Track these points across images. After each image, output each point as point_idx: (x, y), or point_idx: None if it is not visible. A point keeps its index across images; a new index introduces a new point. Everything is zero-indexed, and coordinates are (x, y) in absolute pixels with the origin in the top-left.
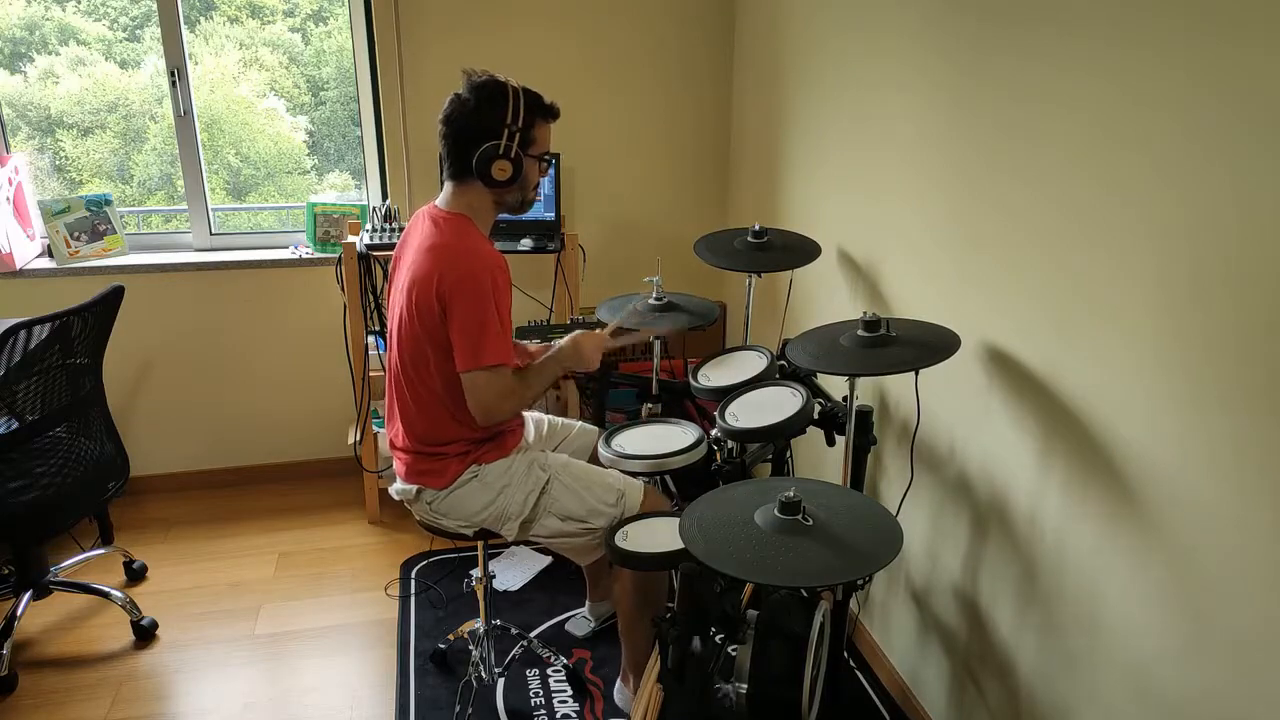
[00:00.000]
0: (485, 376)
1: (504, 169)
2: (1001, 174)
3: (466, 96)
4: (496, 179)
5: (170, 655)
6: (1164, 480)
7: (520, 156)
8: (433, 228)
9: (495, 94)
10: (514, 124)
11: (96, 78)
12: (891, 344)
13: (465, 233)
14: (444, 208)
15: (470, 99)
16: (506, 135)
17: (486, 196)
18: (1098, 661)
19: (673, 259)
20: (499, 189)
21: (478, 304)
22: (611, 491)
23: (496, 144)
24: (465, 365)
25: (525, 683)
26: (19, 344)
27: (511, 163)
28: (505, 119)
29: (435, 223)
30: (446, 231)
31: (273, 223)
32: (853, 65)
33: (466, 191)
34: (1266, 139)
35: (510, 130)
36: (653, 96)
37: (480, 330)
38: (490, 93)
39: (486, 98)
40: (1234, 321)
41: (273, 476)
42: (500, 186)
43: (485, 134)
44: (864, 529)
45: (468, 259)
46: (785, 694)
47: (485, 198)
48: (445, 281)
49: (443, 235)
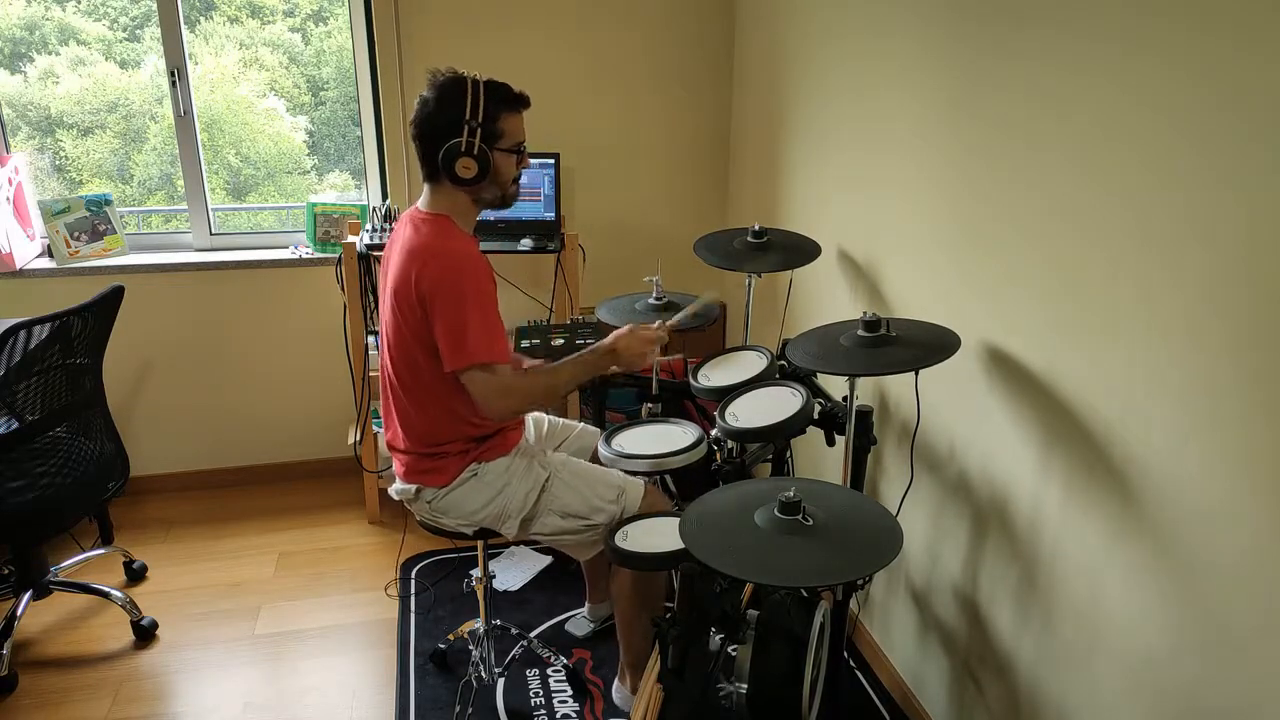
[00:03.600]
0: (478, 375)
1: (468, 166)
2: (1002, 174)
3: (428, 96)
4: (462, 177)
5: (170, 655)
6: (1164, 480)
7: (485, 152)
8: (413, 231)
9: (453, 91)
10: (473, 119)
11: (96, 78)
12: (891, 344)
13: (444, 232)
14: (424, 209)
15: (430, 98)
16: (467, 132)
17: (462, 195)
18: (1098, 661)
19: (673, 259)
20: (470, 187)
21: (457, 302)
22: (612, 489)
23: (458, 141)
24: (452, 365)
25: (525, 683)
26: (19, 344)
27: (475, 159)
28: (464, 115)
29: (415, 225)
30: (425, 233)
31: (273, 223)
32: (853, 65)
33: (442, 192)
34: (1266, 140)
35: (470, 126)
36: (653, 96)
37: (462, 328)
38: (448, 90)
39: (444, 96)
40: (1233, 322)
41: (273, 476)
42: (470, 184)
43: (447, 132)
44: (864, 529)
45: (444, 258)
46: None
47: (461, 197)
48: (424, 282)
49: (421, 237)
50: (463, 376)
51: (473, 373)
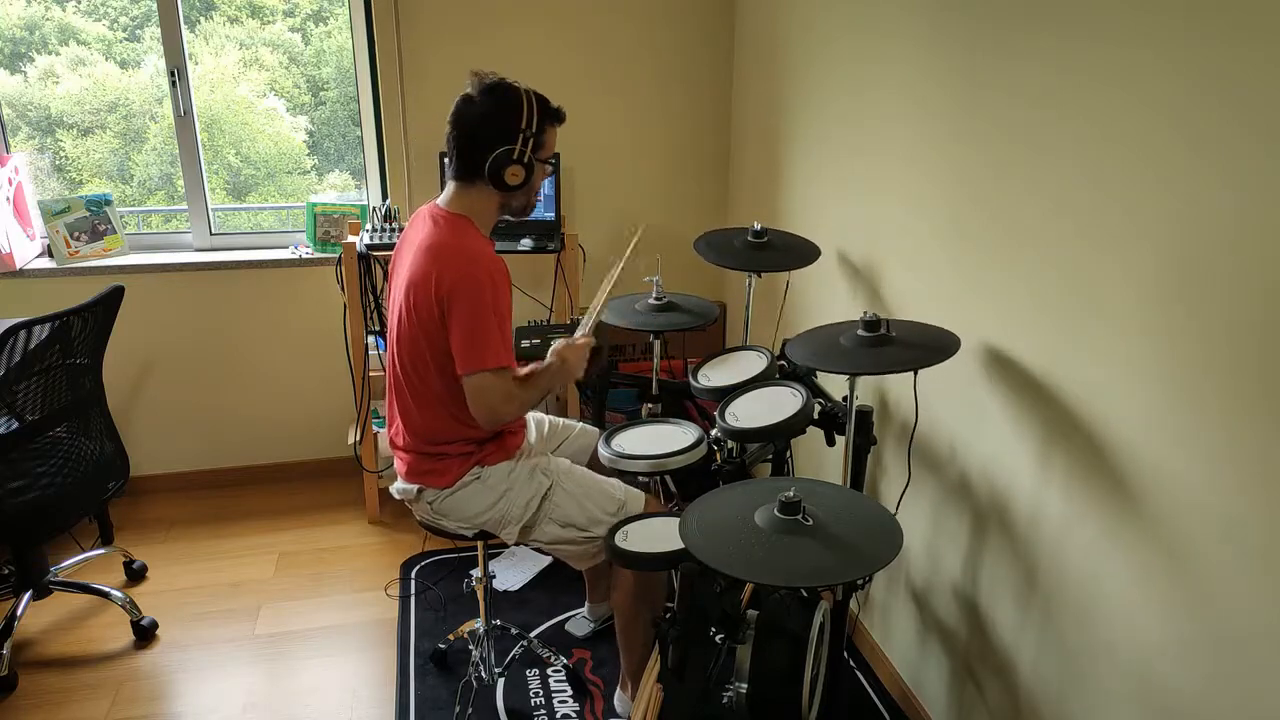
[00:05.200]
0: (490, 379)
1: (516, 174)
2: (1001, 176)
3: (478, 98)
4: (509, 184)
5: (170, 655)
6: (1163, 479)
7: (533, 161)
8: (433, 227)
9: (509, 98)
10: (528, 129)
11: (96, 78)
12: (891, 344)
13: (465, 233)
14: (445, 207)
15: (482, 101)
16: (521, 140)
17: (493, 199)
18: (1098, 661)
19: (673, 259)
20: (508, 193)
21: (477, 306)
22: (612, 501)
23: (511, 149)
24: (466, 368)
25: (525, 683)
26: (19, 344)
27: (524, 168)
28: (520, 124)
29: (435, 222)
30: (446, 231)
31: (273, 223)
32: (853, 67)
33: (471, 192)
34: (1265, 141)
35: (525, 135)
36: (653, 96)
37: (482, 333)
38: (504, 96)
39: (500, 102)
40: (1232, 323)
41: (273, 476)
42: (510, 191)
43: (499, 138)
44: (864, 529)
45: (466, 260)
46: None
47: (490, 200)
48: (444, 283)
49: (442, 234)
50: (472, 380)
51: (484, 376)
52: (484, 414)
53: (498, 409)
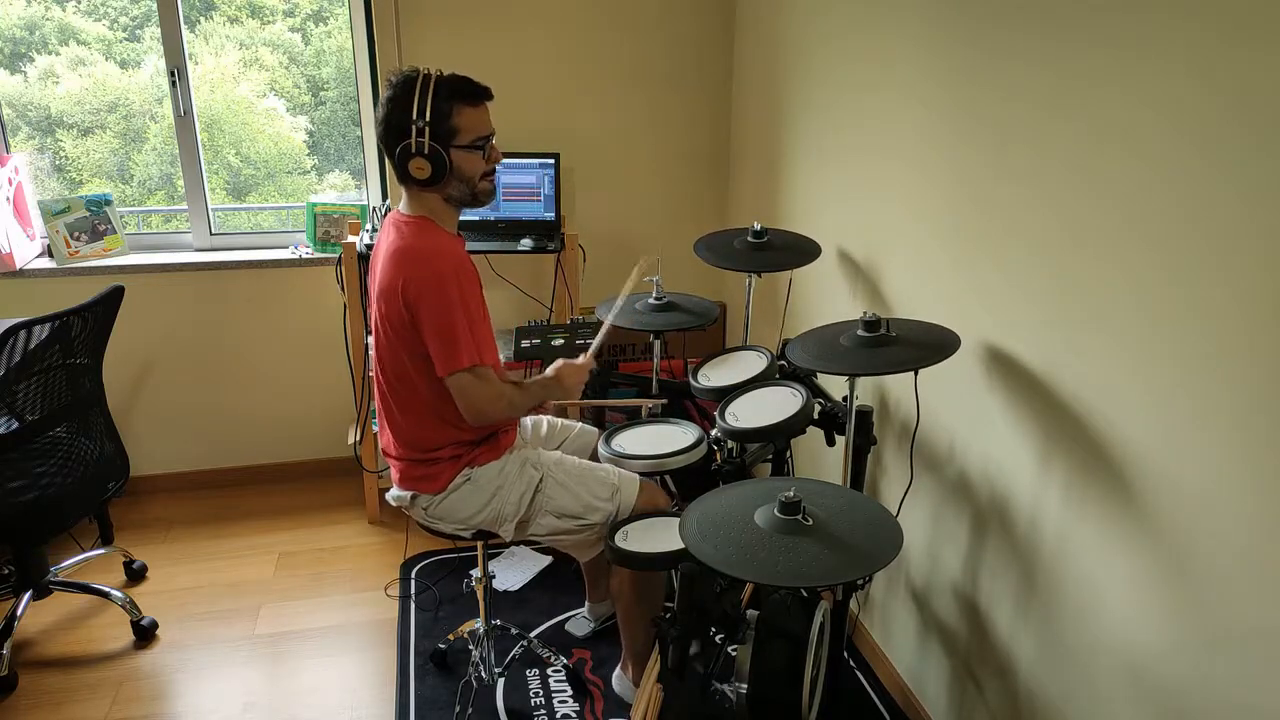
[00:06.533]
0: (467, 379)
1: (421, 167)
2: (1001, 175)
3: (384, 99)
4: (416, 178)
5: (170, 655)
6: (1164, 480)
7: (437, 150)
8: (396, 233)
9: (399, 94)
10: (420, 119)
11: (96, 78)
12: (891, 344)
13: (427, 233)
14: (405, 212)
15: (382, 104)
16: (415, 132)
17: (432, 196)
18: (1098, 661)
19: (673, 259)
20: (433, 187)
21: (444, 305)
22: (606, 486)
23: (408, 143)
24: (444, 370)
25: (525, 683)
26: (19, 344)
27: (428, 159)
28: (411, 116)
29: (399, 228)
30: (409, 234)
31: (273, 223)
32: (853, 66)
33: (414, 194)
34: (1265, 141)
35: (418, 126)
36: (653, 96)
37: (451, 332)
38: (395, 93)
39: (391, 99)
40: (1231, 322)
41: (273, 476)
42: (430, 185)
43: (397, 136)
44: (864, 529)
45: (428, 260)
46: (785, 694)
47: (431, 198)
48: (409, 287)
49: (404, 239)
50: (452, 380)
51: (461, 376)
52: (470, 414)
53: (484, 409)
